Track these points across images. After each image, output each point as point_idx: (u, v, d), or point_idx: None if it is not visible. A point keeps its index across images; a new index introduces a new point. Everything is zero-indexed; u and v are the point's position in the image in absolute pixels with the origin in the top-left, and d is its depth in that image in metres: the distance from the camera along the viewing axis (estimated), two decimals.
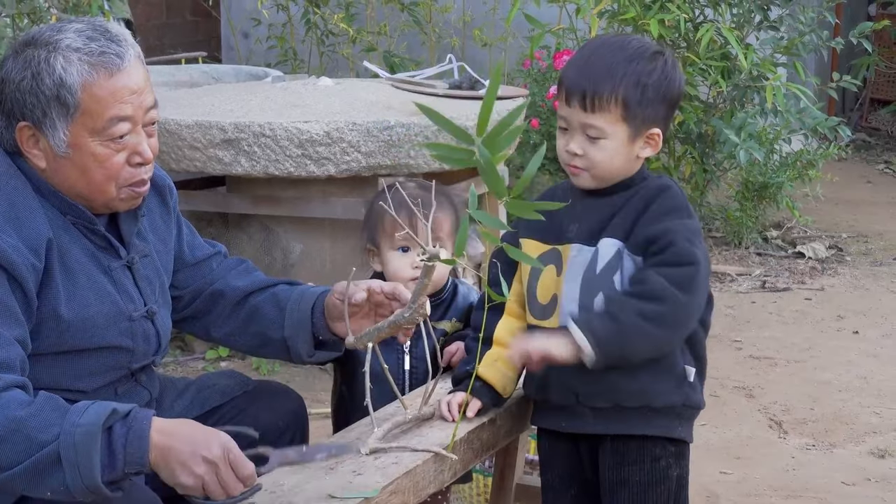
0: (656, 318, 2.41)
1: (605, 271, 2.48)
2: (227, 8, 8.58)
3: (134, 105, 2.36)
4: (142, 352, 2.53)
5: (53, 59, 2.32)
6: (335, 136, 4.54)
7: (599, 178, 2.52)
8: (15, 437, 2.15)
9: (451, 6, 7.47)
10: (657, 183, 2.54)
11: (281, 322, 2.69)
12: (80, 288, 2.40)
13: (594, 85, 2.47)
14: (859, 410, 4.66)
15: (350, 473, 2.34)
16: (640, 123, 2.49)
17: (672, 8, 6.09)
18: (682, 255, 2.43)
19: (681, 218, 2.48)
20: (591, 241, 2.51)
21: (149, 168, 2.44)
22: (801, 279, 6.32)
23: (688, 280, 2.42)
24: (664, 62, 2.51)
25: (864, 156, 9.16)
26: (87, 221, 2.42)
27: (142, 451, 2.17)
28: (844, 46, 6.74)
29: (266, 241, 4.95)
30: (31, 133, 2.36)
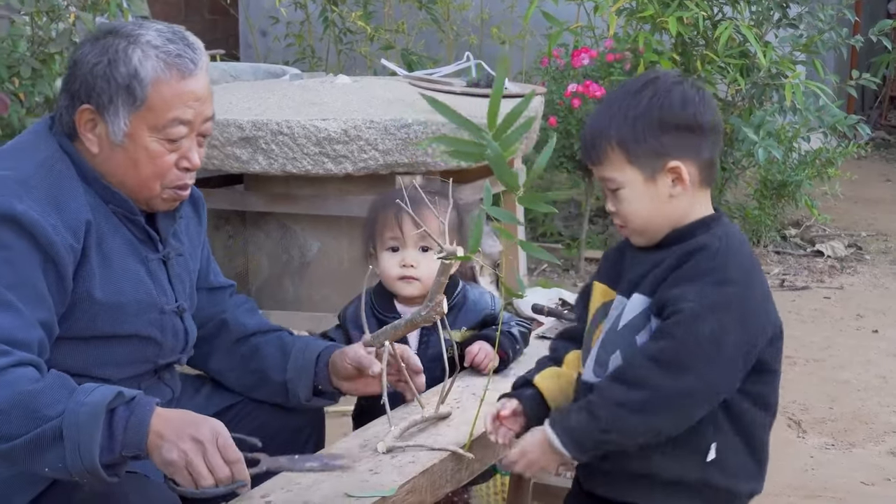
0: (634, 407, 2.20)
1: (626, 329, 2.29)
2: (246, 6, 8.59)
3: (195, 111, 2.42)
4: (169, 347, 2.55)
5: (132, 51, 2.38)
6: (353, 133, 4.54)
7: (639, 231, 2.31)
8: (19, 410, 2.16)
9: (468, 4, 7.47)
10: (699, 241, 2.27)
11: (284, 365, 2.69)
12: (115, 273, 2.43)
13: (590, 137, 2.30)
14: (879, 410, 4.64)
15: (367, 472, 2.34)
16: (649, 160, 2.26)
17: (691, 5, 6.07)
18: (679, 326, 2.20)
19: (706, 285, 2.22)
20: (627, 293, 2.32)
21: (193, 175, 2.49)
22: (819, 278, 6.30)
23: (676, 358, 2.19)
24: (654, 89, 2.28)
25: (884, 154, 9.13)
26: (129, 211, 2.46)
27: (140, 434, 2.17)
28: (864, 44, 6.71)
29: (283, 238, 4.96)
30: (91, 117, 2.41)
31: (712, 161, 2.31)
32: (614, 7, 6.14)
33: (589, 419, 2.23)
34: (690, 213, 2.31)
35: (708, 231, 2.29)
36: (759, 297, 2.30)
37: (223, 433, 2.21)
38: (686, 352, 2.19)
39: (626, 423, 2.22)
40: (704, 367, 2.20)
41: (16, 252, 2.27)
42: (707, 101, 2.30)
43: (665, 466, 2.28)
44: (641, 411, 2.20)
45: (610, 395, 2.22)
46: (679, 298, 2.20)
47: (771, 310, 2.33)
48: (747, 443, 2.32)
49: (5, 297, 2.25)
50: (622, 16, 6.30)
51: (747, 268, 2.29)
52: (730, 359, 2.23)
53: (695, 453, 2.28)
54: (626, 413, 2.21)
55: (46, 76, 5.14)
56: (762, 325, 2.29)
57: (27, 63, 4.99)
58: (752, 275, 2.30)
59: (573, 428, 2.24)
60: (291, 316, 4.66)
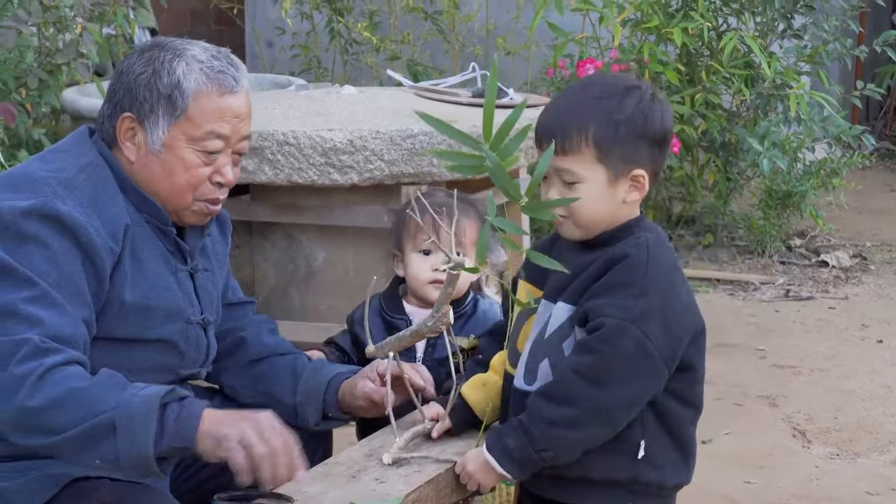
0: (568, 423, 2.26)
1: (553, 337, 2.34)
2: (252, 17, 8.61)
3: (232, 127, 2.49)
4: (191, 358, 2.59)
5: (176, 63, 2.46)
6: (358, 144, 4.55)
7: (583, 227, 2.35)
8: (72, 403, 2.23)
9: (474, 15, 7.48)
10: (621, 249, 2.31)
11: (294, 388, 2.70)
12: (146, 278, 2.47)
13: (562, 127, 2.32)
14: (883, 419, 4.64)
15: (373, 482, 2.35)
16: (619, 164, 2.30)
17: (695, 16, 6.08)
18: (604, 342, 2.24)
19: (627, 297, 2.26)
20: (553, 298, 2.37)
21: (225, 191, 2.54)
22: (824, 288, 6.30)
23: (602, 372, 2.24)
24: (639, 97, 2.32)
25: (888, 164, 9.12)
26: (162, 222, 2.51)
27: (191, 427, 2.24)
28: (868, 55, 6.72)
29: (289, 249, 4.97)
30: (131, 125, 2.47)
31: (660, 171, 2.40)
32: (619, 18, 6.15)
33: (524, 439, 2.29)
34: (626, 216, 2.37)
35: (632, 234, 2.34)
36: (681, 301, 2.34)
37: (277, 420, 2.30)
38: (611, 365, 2.25)
39: (559, 439, 2.28)
40: (630, 378, 2.27)
41: (59, 251, 2.34)
42: (670, 113, 2.38)
43: (597, 467, 2.34)
44: (573, 426, 2.27)
45: (541, 413, 2.28)
46: (600, 311, 2.26)
47: (693, 310, 2.37)
48: (673, 438, 2.38)
49: (52, 295, 2.31)
50: (627, 26, 6.31)
51: (668, 274, 2.33)
52: (655, 366, 2.28)
53: (625, 453, 2.34)
54: (559, 430, 2.27)
55: (53, 87, 5.16)
56: (685, 327, 2.33)
57: (34, 74, 5.01)
58: (673, 280, 2.34)
59: (510, 449, 2.30)
60: (297, 326, 4.67)
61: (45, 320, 2.29)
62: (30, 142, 5.00)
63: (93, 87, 5.45)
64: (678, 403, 2.37)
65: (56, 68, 5.16)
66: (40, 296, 2.30)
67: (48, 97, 5.17)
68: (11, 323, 2.28)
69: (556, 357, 2.33)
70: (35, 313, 2.28)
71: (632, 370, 2.26)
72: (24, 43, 5.10)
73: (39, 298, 2.30)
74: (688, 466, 2.43)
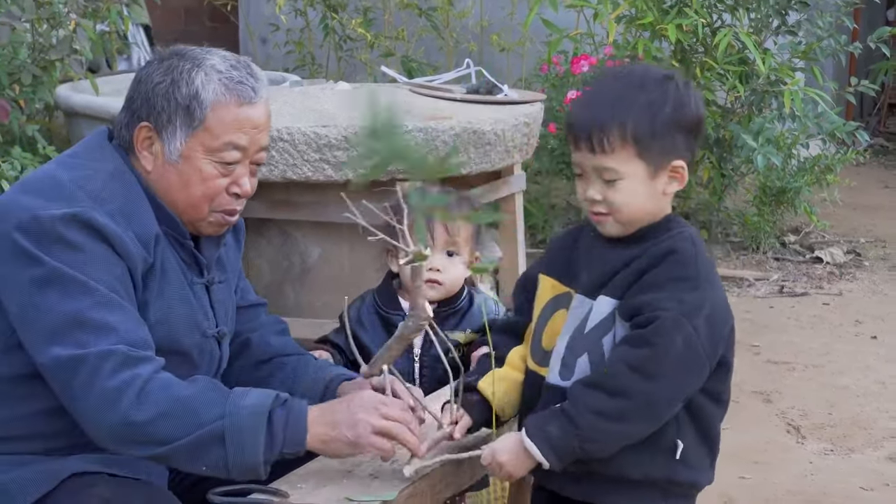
0: (616, 415, 2.24)
1: (593, 331, 2.31)
2: (246, 14, 8.60)
3: (250, 138, 2.47)
4: (204, 370, 2.57)
5: (195, 73, 2.43)
6: (353, 140, 4.55)
7: (626, 223, 2.32)
8: (179, 413, 2.26)
9: (468, 11, 7.48)
10: (668, 244, 2.30)
11: (291, 389, 2.63)
12: (170, 288, 2.47)
13: (600, 124, 2.26)
14: (877, 415, 4.65)
15: (368, 477, 2.35)
16: (659, 157, 2.27)
17: (690, 13, 6.08)
18: (659, 334, 2.23)
19: (681, 291, 2.25)
20: (592, 293, 2.33)
21: (242, 202, 2.53)
22: (818, 284, 6.31)
23: (656, 364, 2.23)
24: (675, 87, 2.30)
25: (883, 160, 9.14)
26: (179, 234, 2.50)
27: (300, 432, 2.30)
28: (863, 51, 6.72)
29: (284, 245, 4.96)
30: (148, 135, 2.45)
31: (695, 159, 2.40)
32: (614, 14, 6.15)
33: (568, 428, 2.25)
34: (665, 210, 2.35)
35: (672, 229, 2.32)
36: (722, 296, 2.34)
37: (375, 394, 2.37)
38: (666, 359, 2.23)
39: (606, 432, 2.25)
40: (680, 373, 2.25)
41: (104, 257, 2.33)
42: (702, 102, 2.35)
43: (635, 467, 2.32)
44: (620, 419, 2.24)
45: (589, 403, 2.24)
46: (654, 305, 2.24)
47: (728, 305, 2.37)
48: (704, 437, 2.37)
49: (112, 299, 2.31)
50: (621, 23, 6.31)
51: (712, 269, 2.34)
52: (700, 363, 2.28)
53: (663, 452, 2.32)
54: (606, 421, 2.24)
55: (47, 83, 5.15)
56: (725, 323, 2.33)
57: (28, 70, 5.00)
58: (715, 275, 2.34)
59: (552, 436, 2.26)
60: (293, 322, 4.63)
61: (117, 327, 2.29)
62: (23, 138, 4.99)
63: (86, 84, 5.44)
64: (710, 401, 2.36)
65: (50, 65, 5.15)
66: (103, 301, 2.29)
67: (42, 93, 5.16)
68: (81, 333, 2.27)
69: (596, 352, 2.30)
70: (104, 320, 2.28)
71: (681, 365, 2.25)
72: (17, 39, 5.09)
73: (103, 304, 2.29)
74: (714, 465, 2.42)
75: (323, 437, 2.32)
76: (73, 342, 2.27)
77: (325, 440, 2.32)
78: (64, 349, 2.26)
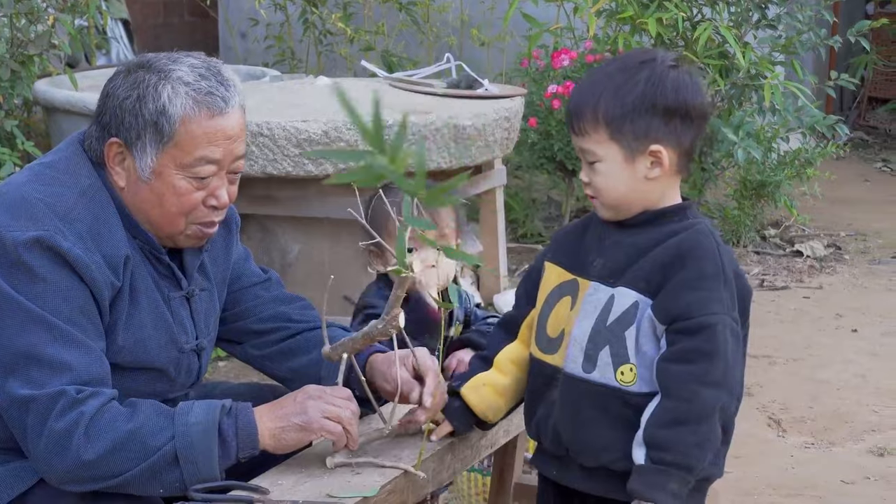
0: (710, 437, 2.23)
1: (616, 324, 2.28)
2: (225, 8, 8.57)
3: (224, 150, 2.38)
4: (181, 383, 2.56)
5: (162, 87, 2.35)
6: (333, 135, 4.54)
7: (610, 207, 2.32)
8: (129, 446, 2.26)
9: (448, 5, 7.47)
10: (687, 238, 2.29)
11: (319, 360, 2.59)
12: (140, 309, 2.42)
13: (577, 107, 2.30)
14: (858, 409, 4.66)
15: (348, 473, 2.34)
16: (633, 140, 2.26)
17: (670, 7, 6.09)
18: (713, 341, 2.22)
19: (716, 290, 2.25)
20: (610, 281, 2.30)
21: (222, 213, 2.46)
22: (799, 278, 6.32)
23: (720, 371, 2.22)
24: (651, 69, 2.27)
25: (862, 154, 9.17)
26: (155, 250, 2.45)
27: (252, 436, 2.31)
28: (842, 45, 6.74)
29: (264, 240, 4.95)
30: (119, 150, 2.39)
31: (692, 149, 2.33)
32: (594, 8, 6.15)
33: (687, 476, 2.22)
34: (664, 198, 2.34)
35: (684, 220, 2.31)
36: (744, 279, 2.35)
37: (319, 386, 2.40)
38: (725, 363, 2.24)
39: (712, 453, 2.25)
40: (737, 362, 2.29)
41: (66, 285, 2.29)
42: (699, 88, 2.31)
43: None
44: (714, 435, 2.25)
45: (686, 441, 2.21)
46: (699, 310, 2.23)
47: (749, 285, 2.38)
48: (724, 431, 2.33)
49: (69, 333, 2.28)
50: (602, 17, 6.31)
51: (732, 256, 2.34)
52: (741, 347, 2.32)
53: None
54: (711, 445, 2.24)
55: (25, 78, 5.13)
56: (748, 304, 2.35)
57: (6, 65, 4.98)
58: (735, 261, 2.35)
59: (678, 494, 2.21)
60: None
61: (72, 364, 2.27)
62: (2, 134, 4.97)
63: (65, 79, 5.42)
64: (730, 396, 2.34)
65: (28, 59, 5.13)
66: (59, 336, 2.27)
67: (20, 88, 5.13)
68: (36, 370, 2.25)
69: (618, 346, 2.28)
70: (59, 357, 2.26)
71: (736, 358, 2.27)
72: None
73: (59, 339, 2.27)
74: (726, 458, 2.41)
75: (273, 431, 2.33)
76: (27, 380, 2.25)
77: (275, 434, 2.33)
78: (17, 386, 2.25)
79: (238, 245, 2.71)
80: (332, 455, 2.37)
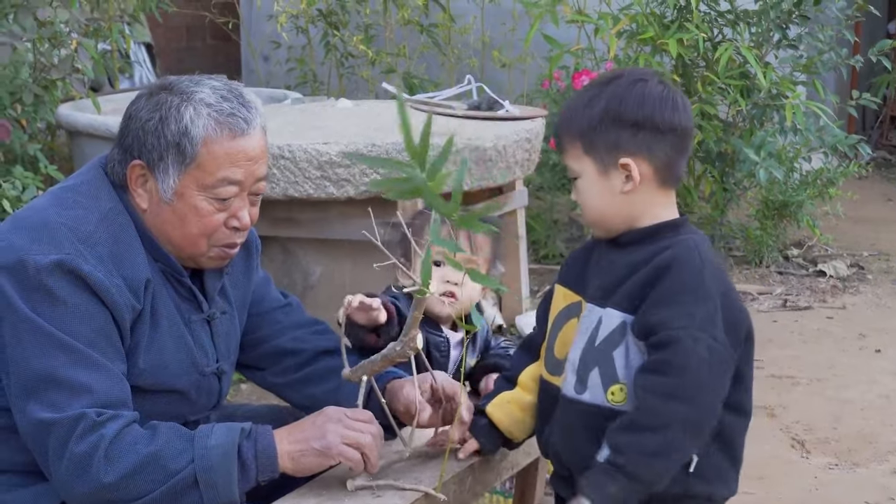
0: (668, 449, 2.22)
1: (604, 344, 2.29)
2: (247, 31, 8.61)
3: (246, 171, 2.41)
4: (202, 405, 2.57)
5: (184, 108, 2.37)
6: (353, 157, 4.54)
7: (594, 223, 2.35)
8: (149, 468, 2.26)
9: (469, 27, 7.49)
10: (670, 254, 2.27)
11: (337, 387, 2.61)
12: (161, 332, 2.43)
13: (558, 125, 2.36)
14: (882, 429, 4.63)
15: (369, 496, 2.34)
16: (604, 153, 2.29)
17: (690, 27, 6.09)
18: (681, 355, 2.20)
19: (689, 305, 2.22)
20: (601, 301, 2.31)
21: (243, 234, 2.48)
22: (822, 298, 6.30)
23: (688, 386, 2.20)
24: (616, 84, 2.31)
25: (885, 174, 9.13)
26: (176, 272, 2.47)
27: (271, 458, 2.32)
28: (864, 64, 6.72)
29: (286, 263, 4.96)
30: (141, 172, 2.41)
31: (671, 162, 2.31)
32: (615, 29, 6.16)
33: (627, 484, 2.21)
34: (650, 213, 2.32)
35: (676, 237, 2.29)
36: (734, 300, 2.31)
37: (339, 408, 2.40)
38: (694, 378, 2.20)
39: (664, 469, 2.23)
40: (713, 385, 2.23)
41: (86, 307, 2.31)
42: (671, 102, 2.30)
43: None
44: (672, 449, 2.22)
45: (637, 448, 2.21)
46: (668, 324, 2.21)
47: (744, 308, 2.34)
48: (725, 449, 2.34)
49: (89, 355, 2.30)
50: (622, 38, 6.31)
51: (721, 275, 2.31)
52: (728, 367, 2.26)
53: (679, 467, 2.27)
54: (662, 460, 2.22)
55: (48, 102, 5.16)
56: (742, 324, 2.30)
57: (29, 89, 5.01)
58: (726, 279, 2.32)
59: (617, 498, 2.21)
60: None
61: (92, 387, 2.28)
62: (25, 158, 4.99)
63: (88, 103, 5.45)
64: (732, 413, 2.33)
65: (51, 84, 5.17)
66: (79, 359, 2.28)
67: (43, 113, 5.17)
68: (56, 393, 2.27)
69: (607, 366, 2.28)
70: (79, 380, 2.27)
71: (712, 377, 2.22)
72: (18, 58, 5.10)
73: (79, 362, 2.28)
74: (737, 476, 2.40)
75: (293, 454, 2.34)
76: (47, 403, 2.27)
77: (295, 457, 2.34)
78: (38, 410, 2.27)
79: (258, 269, 2.71)
80: (352, 478, 2.37)
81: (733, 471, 2.39)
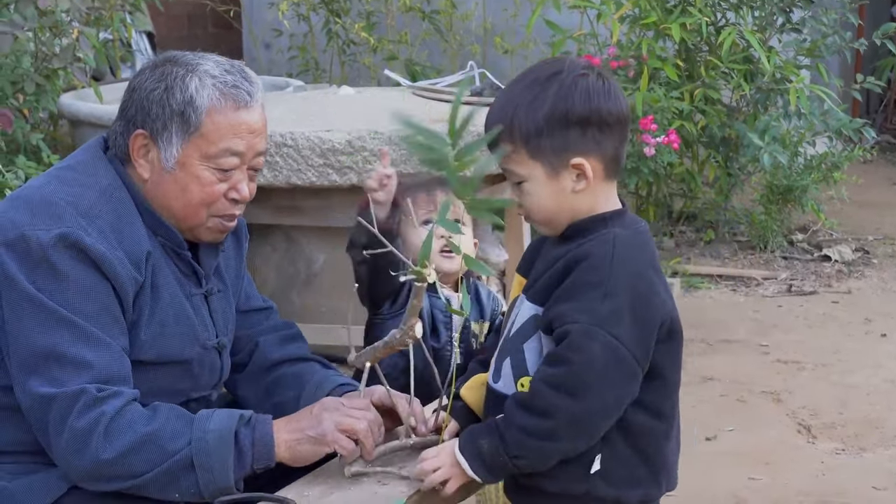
0: (544, 434, 2.17)
1: (516, 336, 2.28)
2: (249, 19, 8.60)
3: (247, 143, 2.44)
4: (204, 382, 2.57)
5: (189, 79, 2.41)
6: (357, 144, 4.54)
7: (542, 223, 2.29)
8: (146, 447, 2.28)
9: (471, 14, 7.47)
10: (585, 248, 2.21)
11: (297, 398, 2.61)
12: (162, 305, 2.44)
13: (491, 124, 2.23)
14: (888, 414, 4.63)
15: (374, 484, 2.34)
16: (553, 156, 2.20)
17: (694, 12, 6.07)
18: (572, 350, 2.15)
19: (591, 301, 2.16)
20: (526, 294, 2.28)
21: (241, 207, 2.51)
22: (827, 282, 6.29)
23: (576, 381, 2.15)
24: (559, 82, 2.21)
25: (889, 157, 9.11)
26: (177, 245, 2.48)
27: (268, 447, 2.33)
28: (868, 48, 6.70)
29: (289, 251, 4.95)
30: (144, 142, 2.43)
31: (617, 154, 2.26)
32: (617, 14, 6.14)
33: (498, 444, 2.21)
34: (594, 207, 2.26)
35: (601, 230, 2.23)
36: (648, 296, 2.22)
37: (336, 398, 2.42)
38: (584, 374, 2.16)
39: (535, 449, 2.20)
40: (605, 385, 2.17)
41: (88, 282, 2.31)
42: (612, 93, 2.24)
43: (549, 480, 2.25)
44: (552, 438, 2.19)
45: (516, 421, 2.20)
46: (565, 318, 2.17)
47: (666, 305, 2.25)
48: (639, 453, 2.27)
49: (91, 332, 2.30)
50: (625, 23, 6.29)
51: (637, 270, 2.23)
52: (629, 369, 2.19)
53: (579, 466, 2.24)
54: (533, 439, 2.19)
55: (50, 92, 5.15)
56: (653, 322, 2.22)
57: (31, 79, 5.00)
58: (644, 276, 2.23)
59: (483, 453, 2.23)
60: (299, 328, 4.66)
61: (93, 363, 2.29)
62: (27, 147, 4.98)
63: (90, 92, 5.44)
64: (648, 416, 2.26)
65: (53, 73, 5.15)
66: (81, 335, 2.29)
67: (45, 102, 5.16)
68: (58, 369, 2.27)
69: (517, 357, 2.27)
70: (80, 356, 2.28)
71: (605, 376, 2.16)
72: (20, 48, 5.09)
73: (80, 338, 2.29)
74: (658, 482, 2.31)
75: (289, 443, 2.34)
76: (48, 378, 2.27)
77: (291, 446, 2.34)
78: (39, 385, 2.27)
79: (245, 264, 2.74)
80: (348, 464, 2.36)
81: (649, 475, 2.29)
